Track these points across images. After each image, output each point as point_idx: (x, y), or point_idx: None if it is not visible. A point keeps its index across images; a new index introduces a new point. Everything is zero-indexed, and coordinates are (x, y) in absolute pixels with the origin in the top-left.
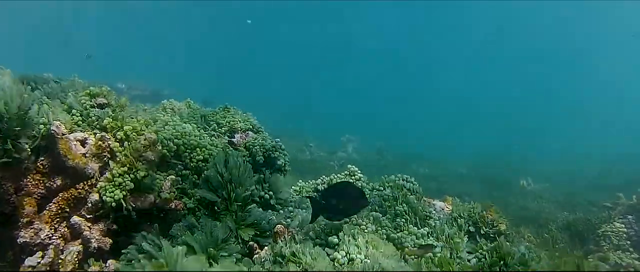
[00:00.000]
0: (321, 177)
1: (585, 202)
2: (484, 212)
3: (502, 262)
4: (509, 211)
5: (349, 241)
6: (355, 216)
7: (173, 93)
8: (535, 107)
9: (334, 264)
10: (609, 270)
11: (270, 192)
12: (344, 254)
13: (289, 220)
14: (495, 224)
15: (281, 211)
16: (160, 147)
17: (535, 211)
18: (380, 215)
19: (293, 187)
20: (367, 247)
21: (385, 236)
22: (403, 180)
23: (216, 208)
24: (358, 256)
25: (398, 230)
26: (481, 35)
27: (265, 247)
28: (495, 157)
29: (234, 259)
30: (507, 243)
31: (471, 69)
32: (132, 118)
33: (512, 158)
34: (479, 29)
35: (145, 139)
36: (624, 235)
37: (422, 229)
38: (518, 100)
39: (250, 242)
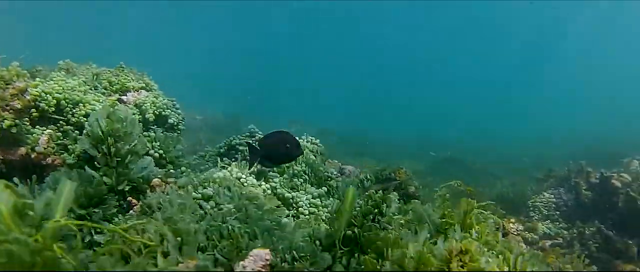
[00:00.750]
0: (224, 141)
1: (526, 176)
2: (393, 174)
3: (376, 210)
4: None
5: (224, 193)
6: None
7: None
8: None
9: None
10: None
11: (161, 151)
12: (214, 204)
13: (173, 178)
14: (403, 186)
15: (172, 170)
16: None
17: (480, 184)
18: (277, 175)
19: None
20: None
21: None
22: (308, 141)
23: (96, 163)
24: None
25: (294, 190)
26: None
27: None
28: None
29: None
30: (393, 195)
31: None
32: (3, 68)
33: (466, 143)
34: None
35: (13, 88)
36: (553, 205)
37: (320, 189)
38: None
39: (129, 198)
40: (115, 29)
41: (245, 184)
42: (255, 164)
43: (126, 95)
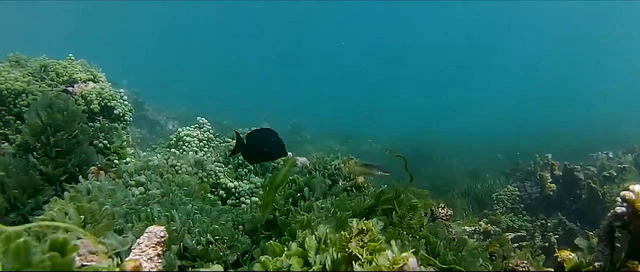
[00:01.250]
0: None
1: (493, 170)
2: (342, 165)
3: (299, 194)
4: (424, 179)
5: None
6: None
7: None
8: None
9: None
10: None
11: (105, 141)
12: (143, 191)
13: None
14: (352, 177)
15: (116, 160)
16: None
17: (448, 179)
18: (223, 166)
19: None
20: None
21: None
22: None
23: (35, 153)
24: (156, 190)
25: (238, 180)
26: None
27: None
28: (419, 135)
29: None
30: (318, 180)
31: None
32: None
33: (435, 136)
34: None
35: None
36: (518, 198)
37: (264, 179)
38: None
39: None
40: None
41: (180, 171)
42: (237, 155)
43: (73, 87)
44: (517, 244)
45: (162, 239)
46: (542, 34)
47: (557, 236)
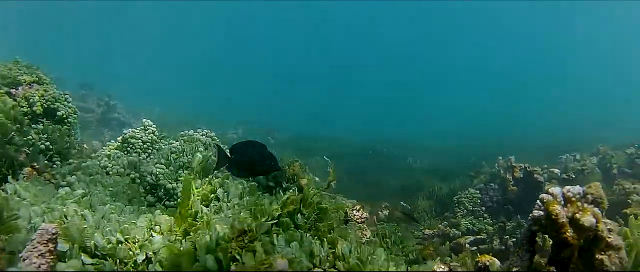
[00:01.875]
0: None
1: (459, 174)
2: (286, 167)
3: (213, 195)
4: (391, 185)
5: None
6: None
7: None
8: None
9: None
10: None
11: (47, 142)
12: (69, 191)
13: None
14: (296, 179)
15: (59, 161)
16: None
17: (419, 182)
18: (164, 167)
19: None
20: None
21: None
22: (203, 134)
23: None
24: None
25: (178, 181)
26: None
27: None
28: (385, 138)
29: None
30: (231, 182)
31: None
32: None
33: (402, 138)
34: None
35: None
36: (479, 201)
37: (203, 180)
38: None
39: None
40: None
41: (110, 172)
42: (222, 169)
43: (17, 89)
44: (476, 247)
45: (54, 236)
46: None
47: (515, 239)
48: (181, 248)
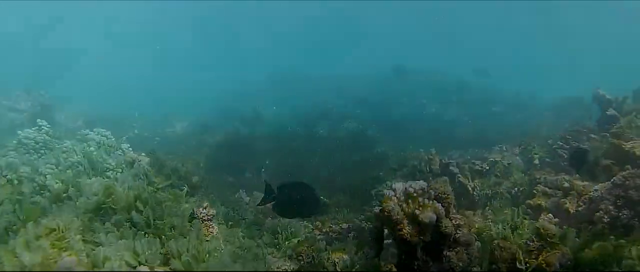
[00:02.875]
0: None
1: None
2: (180, 164)
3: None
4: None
5: None
6: None
7: None
8: None
9: None
10: None
11: None
12: None
13: None
14: (188, 176)
15: None
16: None
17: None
18: (54, 167)
19: None
20: None
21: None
22: (100, 135)
23: None
24: None
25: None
26: None
27: None
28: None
29: None
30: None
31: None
32: None
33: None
34: None
35: None
36: None
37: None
38: None
39: None
40: None
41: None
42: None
43: None
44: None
45: None
46: None
47: None
48: None
